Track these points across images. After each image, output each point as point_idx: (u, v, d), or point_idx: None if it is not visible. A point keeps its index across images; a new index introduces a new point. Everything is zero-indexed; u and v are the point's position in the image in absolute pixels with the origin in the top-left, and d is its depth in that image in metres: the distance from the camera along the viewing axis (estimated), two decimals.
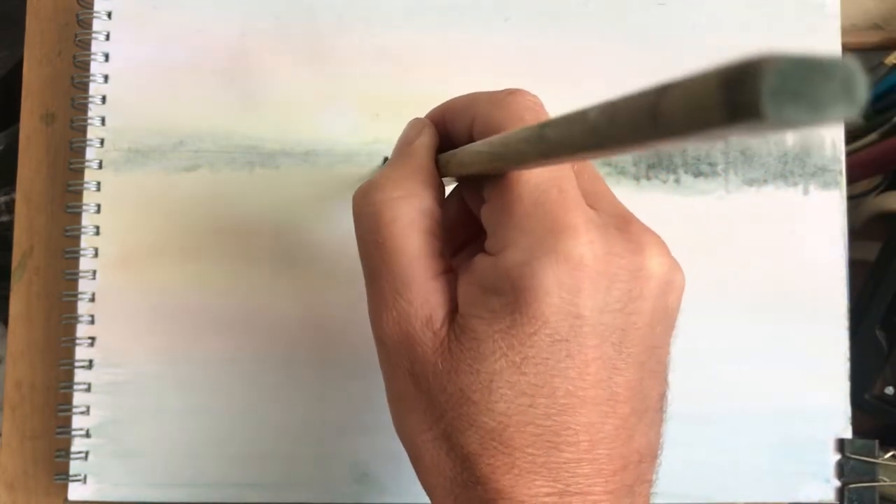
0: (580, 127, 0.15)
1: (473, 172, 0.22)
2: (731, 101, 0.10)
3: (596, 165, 0.32)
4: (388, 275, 0.21)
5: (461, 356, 0.20)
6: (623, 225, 0.21)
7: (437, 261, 0.21)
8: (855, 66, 0.11)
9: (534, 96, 0.23)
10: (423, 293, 0.21)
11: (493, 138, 0.20)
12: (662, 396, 0.22)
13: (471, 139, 0.23)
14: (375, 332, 0.22)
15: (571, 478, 0.19)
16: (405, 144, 0.25)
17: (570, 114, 0.15)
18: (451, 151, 0.23)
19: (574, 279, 0.19)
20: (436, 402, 0.20)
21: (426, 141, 0.24)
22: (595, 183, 0.23)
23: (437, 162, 0.24)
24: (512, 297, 0.19)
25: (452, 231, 0.25)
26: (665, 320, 0.22)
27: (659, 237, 0.21)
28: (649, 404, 0.21)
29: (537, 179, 0.20)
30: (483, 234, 0.22)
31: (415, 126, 0.25)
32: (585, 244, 0.19)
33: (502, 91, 0.23)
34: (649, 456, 0.22)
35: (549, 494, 0.19)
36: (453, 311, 0.21)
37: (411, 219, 0.21)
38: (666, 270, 0.21)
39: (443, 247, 0.22)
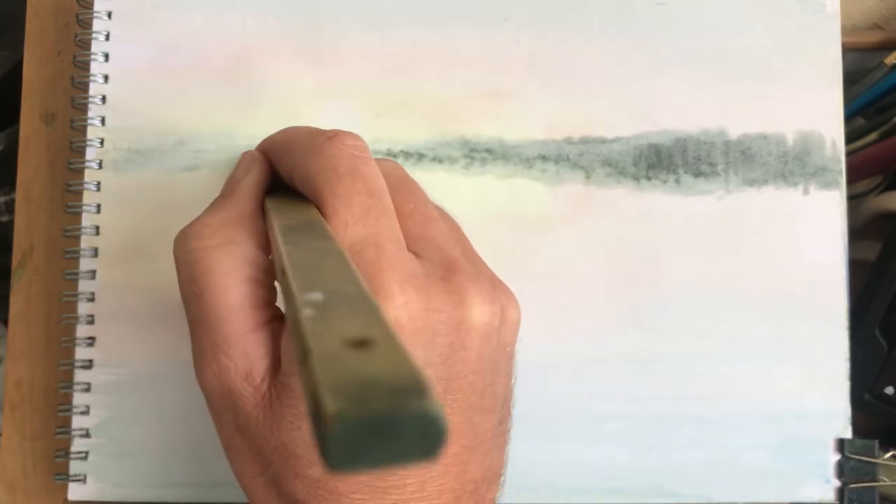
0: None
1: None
2: (319, 448, 0.11)
3: (598, 166, 0.32)
4: (207, 327, 0.20)
5: (282, 413, 0.20)
6: (447, 275, 0.21)
7: (260, 311, 0.21)
8: (431, 416, 0.11)
9: (355, 140, 0.22)
10: (243, 346, 0.20)
11: (276, 252, 0.19)
12: (501, 423, 0.23)
13: (293, 182, 0.22)
14: (199, 383, 0.22)
15: None
16: (231, 184, 0.24)
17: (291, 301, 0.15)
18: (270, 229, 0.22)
19: None
20: (261, 453, 0.20)
21: (251, 181, 0.23)
22: (427, 226, 0.22)
23: (265, 203, 0.23)
24: None
25: None
26: (498, 360, 0.22)
27: (484, 283, 0.21)
28: (484, 437, 0.21)
29: (352, 238, 0.20)
30: None
31: (243, 163, 0.24)
32: (400, 306, 0.19)
33: (321, 136, 0.22)
34: (486, 481, 0.22)
35: None
36: (276, 363, 0.20)
37: (230, 268, 0.20)
38: (488, 319, 0.21)
39: (271, 295, 0.21)
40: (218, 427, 0.22)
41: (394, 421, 0.11)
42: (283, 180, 0.24)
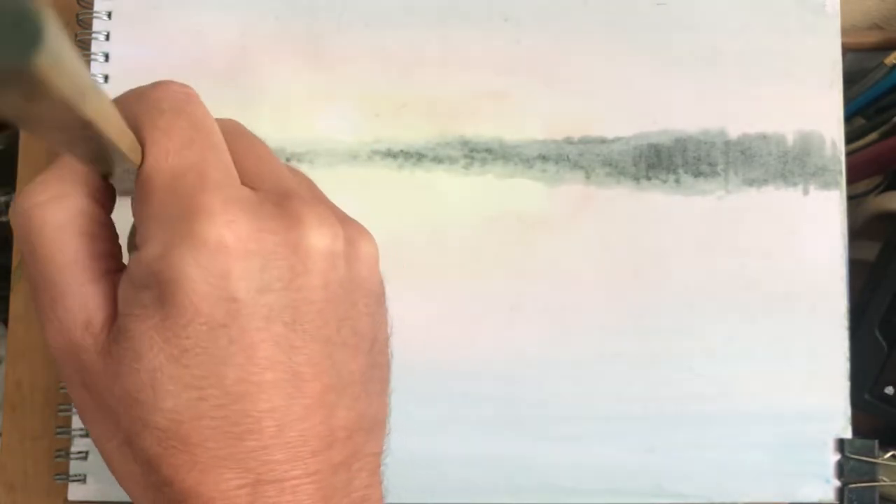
0: None
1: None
2: None
3: (598, 166, 0.32)
4: (44, 284, 0.20)
5: (122, 357, 0.19)
6: (282, 201, 0.20)
7: (97, 263, 0.20)
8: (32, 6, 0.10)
9: (183, 86, 0.21)
10: (80, 298, 0.20)
11: None
12: (372, 368, 0.22)
13: None
14: (47, 344, 0.21)
15: (263, 466, 0.19)
16: None
17: None
18: None
19: (218, 263, 0.18)
20: (109, 409, 0.20)
21: None
22: (261, 164, 0.21)
23: None
24: (158, 291, 0.18)
25: None
26: (353, 293, 0.21)
27: (324, 210, 0.20)
28: (350, 379, 0.21)
29: (173, 169, 0.19)
30: None
31: None
32: (223, 225, 0.18)
33: (149, 84, 0.21)
34: (363, 430, 0.21)
35: (240, 486, 0.18)
36: (115, 313, 0.20)
37: (62, 222, 0.20)
38: (329, 242, 0.20)
39: (109, 247, 0.21)
40: (69, 390, 0.21)
41: None
42: None
